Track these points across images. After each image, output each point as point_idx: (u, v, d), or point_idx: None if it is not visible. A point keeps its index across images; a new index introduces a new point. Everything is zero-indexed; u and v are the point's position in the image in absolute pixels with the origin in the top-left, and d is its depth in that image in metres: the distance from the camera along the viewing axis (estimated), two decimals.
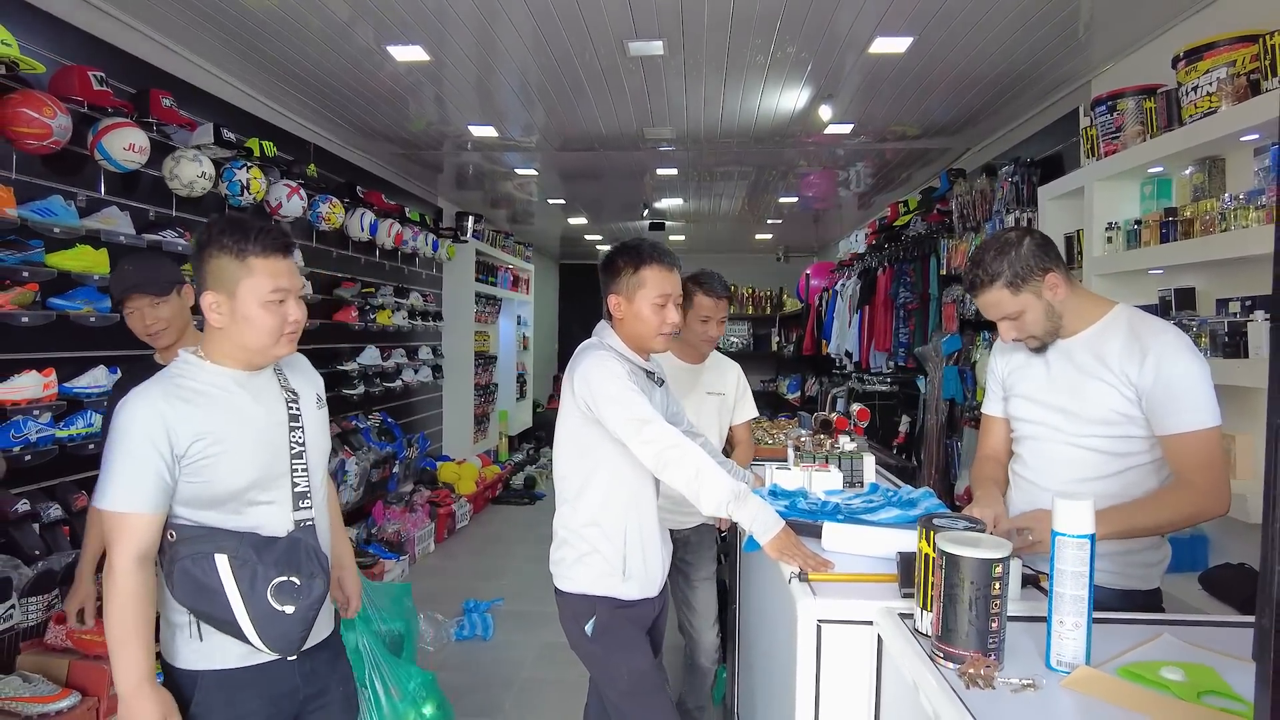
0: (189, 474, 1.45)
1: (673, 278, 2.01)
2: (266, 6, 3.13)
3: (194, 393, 1.48)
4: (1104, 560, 1.75)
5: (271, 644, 1.49)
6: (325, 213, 4.56)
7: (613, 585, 1.95)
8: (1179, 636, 1.34)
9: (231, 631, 1.47)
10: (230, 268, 1.48)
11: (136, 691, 1.40)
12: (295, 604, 1.47)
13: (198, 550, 1.45)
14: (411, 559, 5.25)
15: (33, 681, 2.39)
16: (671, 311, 2.00)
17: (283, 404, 1.58)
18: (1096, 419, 1.77)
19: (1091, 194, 3.21)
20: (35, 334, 2.71)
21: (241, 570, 1.45)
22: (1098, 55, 3.60)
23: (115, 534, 1.42)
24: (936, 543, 1.25)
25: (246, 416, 1.51)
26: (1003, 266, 1.77)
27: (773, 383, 10.89)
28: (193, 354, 1.54)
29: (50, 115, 2.59)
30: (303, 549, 1.52)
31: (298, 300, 1.56)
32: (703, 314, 2.75)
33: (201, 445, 1.44)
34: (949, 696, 1.10)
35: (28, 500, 2.65)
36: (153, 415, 1.42)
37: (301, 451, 1.58)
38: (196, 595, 1.45)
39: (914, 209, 5.70)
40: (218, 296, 1.49)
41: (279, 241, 1.52)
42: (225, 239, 1.49)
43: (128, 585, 1.40)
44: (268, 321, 1.50)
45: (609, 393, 1.86)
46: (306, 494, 1.57)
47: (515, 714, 3.28)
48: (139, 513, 1.41)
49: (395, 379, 5.91)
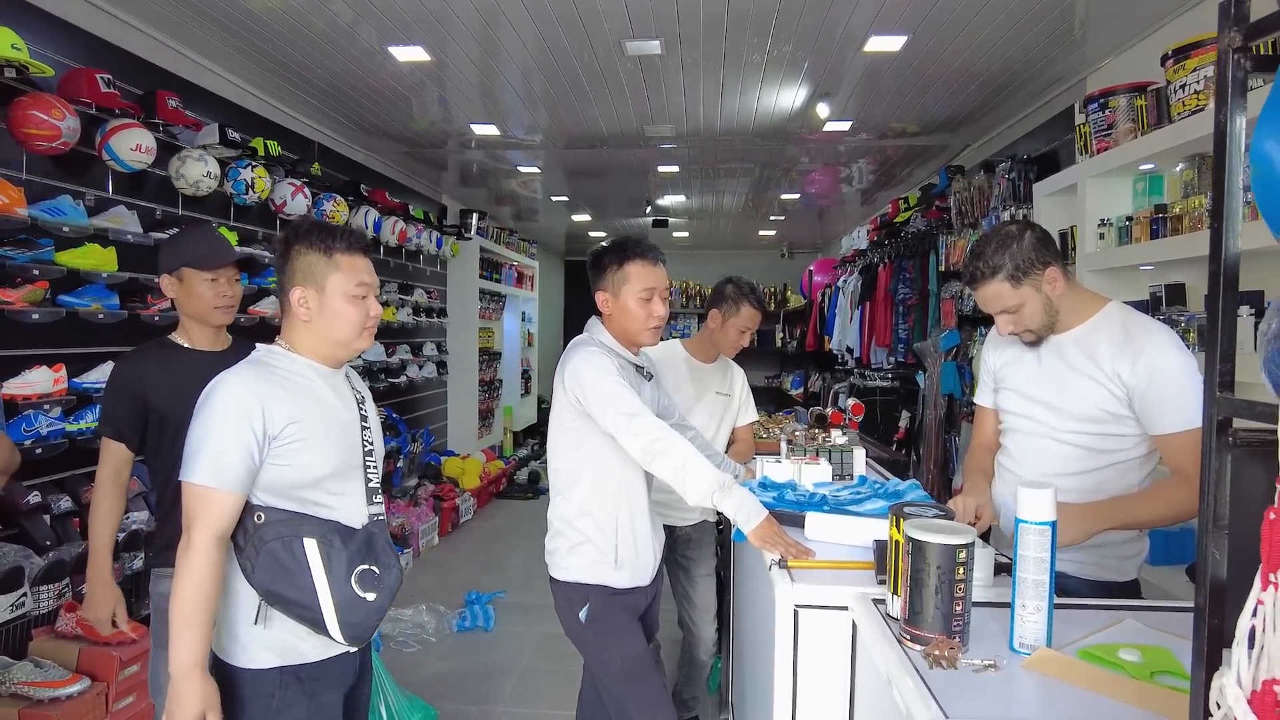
0: (277, 456, 1.47)
1: (657, 272, 2.06)
2: (270, 8, 3.19)
3: (285, 379, 1.53)
4: (1081, 552, 1.80)
5: (349, 632, 1.50)
6: (329, 211, 4.62)
7: (605, 574, 2.01)
8: (1142, 621, 1.39)
9: (309, 619, 1.48)
10: (319, 264, 1.55)
11: (188, 674, 1.40)
12: (377, 592, 1.51)
13: (286, 533, 1.47)
14: (415, 552, 5.32)
15: (44, 667, 2.46)
16: (658, 305, 2.05)
17: (355, 404, 1.64)
18: (1082, 415, 1.80)
19: (1084, 191, 3.24)
20: (45, 330, 2.78)
21: (329, 555, 1.48)
22: (1093, 53, 3.63)
23: (199, 510, 1.42)
24: (904, 529, 1.30)
25: (330, 408, 1.57)
26: (1004, 260, 1.78)
27: (776, 379, 10.93)
28: (279, 346, 1.59)
29: (59, 117, 2.66)
30: (379, 541, 1.57)
31: (376, 297, 1.63)
32: (743, 324, 2.80)
33: (294, 429, 1.48)
34: (911, 676, 1.15)
35: (39, 492, 2.72)
36: (250, 395, 1.46)
37: (372, 450, 1.63)
38: (281, 579, 1.46)
39: (914, 205, 5.73)
40: (306, 291, 1.55)
41: (362, 241, 1.61)
42: (313, 238, 1.56)
43: (204, 564, 1.41)
44: (353, 315, 1.57)
45: (597, 387, 1.91)
46: (378, 490, 1.63)
47: (514, 702, 3.35)
48: (227, 490, 1.43)
49: (400, 375, 5.98)
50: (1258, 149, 0.81)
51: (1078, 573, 1.82)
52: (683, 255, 11.22)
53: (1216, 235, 0.91)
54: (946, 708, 1.06)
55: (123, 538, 2.95)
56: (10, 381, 2.64)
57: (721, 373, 2.89)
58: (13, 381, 2.65)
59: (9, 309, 2.62)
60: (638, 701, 1.96)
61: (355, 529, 1.56)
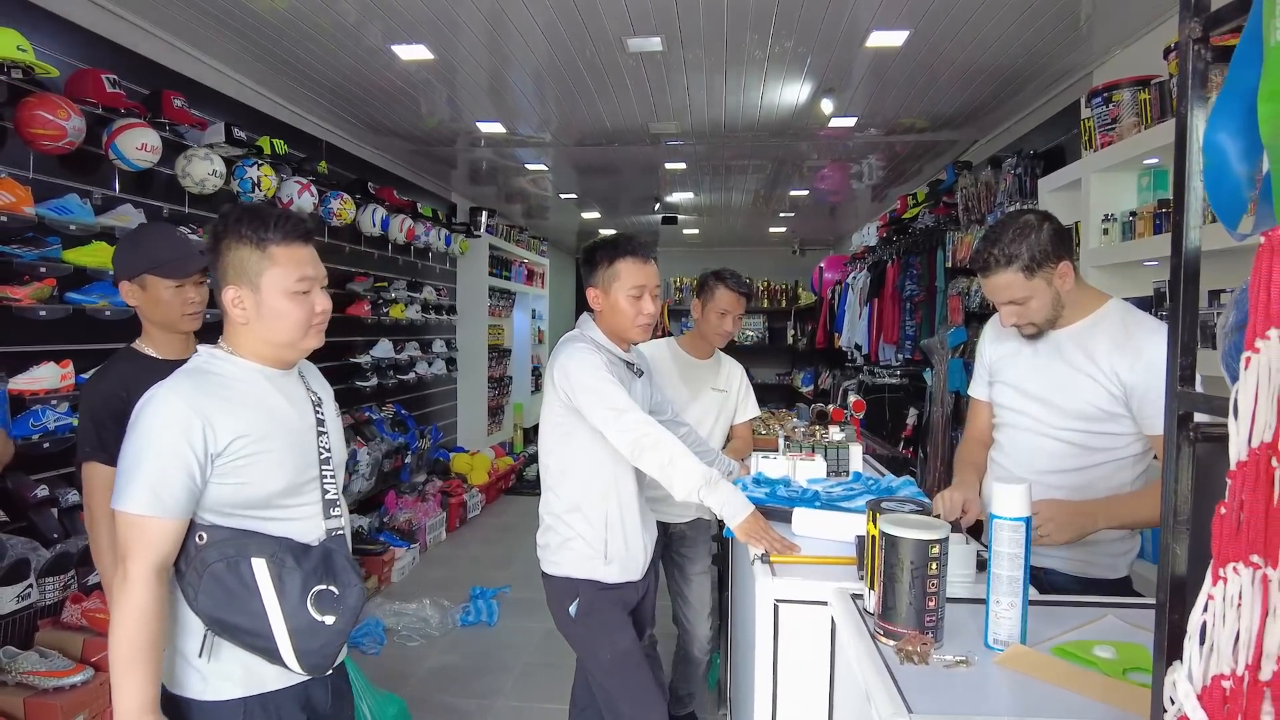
0: (223, 475, 1.34)
1: (647, 269, 2.07)
2: (276, 8, 3.22)
3: (227, 387, 1.38)
4: (1070, 549, 1.79)
5: (307, 660, 1.36)
6: (336, 209, 4.66)
7: (595, 569, 2.03)
8: (1123, 618, 1.38)
9: (261, 647, 1.34)
10: (251, 259, 1.39)
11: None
12: (336, 614, 1.36)
13: (231, 553, 1.33)
14: (422, 547, 5.36)
15: (49, 657, 2.50)
16: (647, 302, 2.05)
17: (310, 408, 1.50)
18: (1076, 412, 1.79)
19: (1088, 186, 3.21)
20: (53, 327, 2.82)
21: (280, 575, 1.34)
22: (1099, 46, 3.59)
23: (134, 540, 1.28)
24: (878, 524, 1.30)
25: (281, 417, 1.42)
26: (1021, 249, 1.73)
27: (788, 376, 10.90)
28: (219, 349, 1.44)
29: (64, 117, 2.70)
30: (338, 558, 1.42)
31: (323, 289, 1.47)
32: (721, 307, 2.80)
33: (241, 444, 1.34)
34: (879, 671, 1.15)
35: (47, 486, 2.76)
36: (188, 410, 1.31)
37: (329, 458, 1.49)
38: (226, 605, 1.32)
39: (922, 201, 5.70)
40: (240, 291, 1.40)
41: (300, 228, 1.43)
42: (244, 229, 1.39)
43: (143, 598, 1.27)
44: (295, 313, 1.41)
45: (586, 383, 1.93)
46: (336, 502, 1.48)
47: (515, 696, 3.37)
48: (164, 518, 1.29)
49: (409, 371, 6.02)
50: (1209, 140, 0.80)
51: (1067, 569, 1.81)
52: (693, 253, 11.21)
53: (1177, 228, 0.91)
54: (911, 703, 1.06)
55: None
56: (18, 377, 2.68)
57: (718, 369, 2.89)
58: (20, 377, 2.69)
59: (17, 306, 2.66)
60: (627, 696, 1.97)
61: (311, 546, 1.41)
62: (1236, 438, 0.74)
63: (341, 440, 1.58)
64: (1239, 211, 0.80)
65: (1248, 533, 0.74)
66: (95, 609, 2.69)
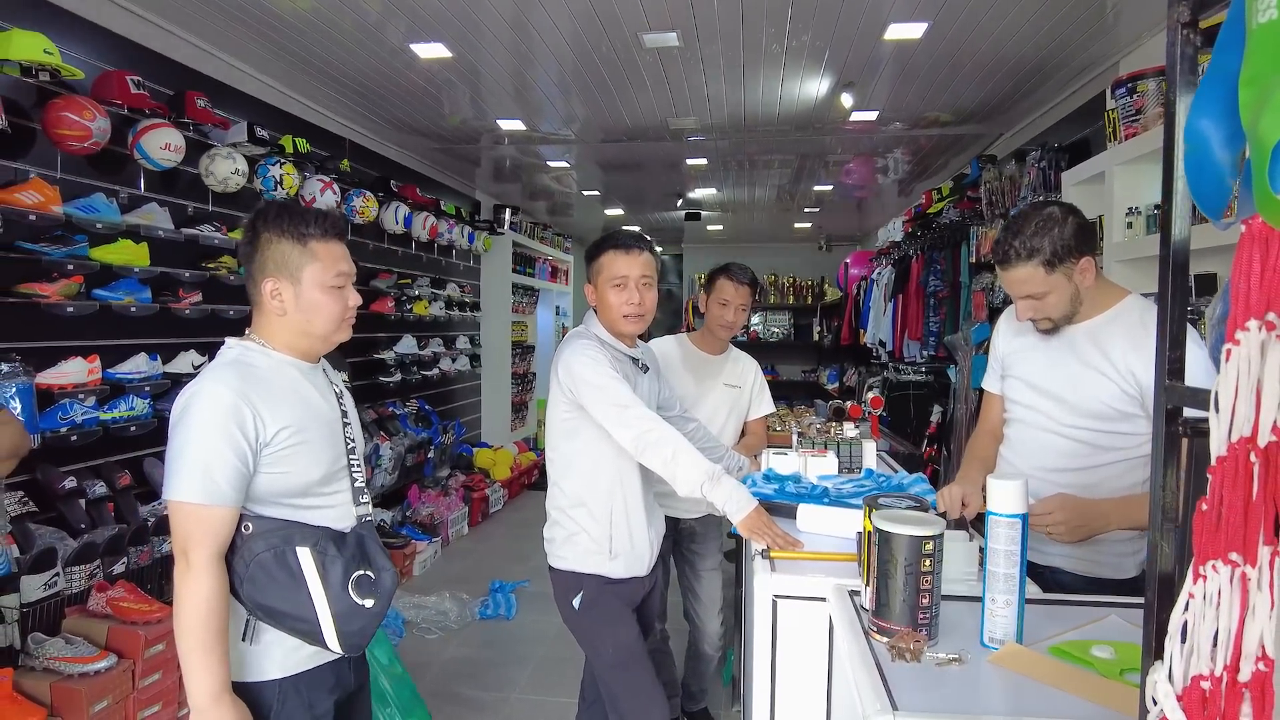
0: (269, 464, 1.39)
1: (630, 259, 2.03)
2: (297, 8, 3.26)
3: (268, 381, 1.42)
4: (1075, 548, 1.76)
5: (347, 640, 1.42)
6: (359, 207, 4.72)
7: (599, 564, 2.04)
8: (1126, 618, 1.35)
9: (304, 631, 1.40)
10: (293, 253, 1.44)
11: (216, 702, 1.31)
12: (374, 598, 1.43)
13: (278, 543, 1.38)
14: (444, 541, 5.41)
15: (74, 644, 2.57)
16: (632, 293, 2.02)
17: (335, 399, 1.55)
18: (1088, 411, 1.75)
19: (1112, 179, 3.14)
20: (80, 323, 2.90)
21: (324, 563, 1.39)
22: (1126, 35, 3.51)
23: (193, 530, 1.32)
24: (872, 519, 1.29)
25: (315, 408, 1.48)
26: (1043, 243, 1.68)
27: (814, 373, 10.81)
28: (252, 341, 1.48)
29: (90, 118, 2.76)
30: (371, 543, 1.49)
31: (353, 286, 1.54)
32: (722, 297, 2.78)
33: (285, 435, 1.39)
34: (868, 668, 1.14)
35: (74, 478, 2.84)
36: (238, 401, 1.35)
37: (354, 447, 1.55)
38: (273, 593, 1.37)
39: (947, 196, 5.62)
40: (279, 283, 1.44)
41: (337, 225, 1.50)
42: (284, 224, 1.44)
43: (208, 585, 1.31)
44: (331, 307, 1.47)
45: (588, 379, 1.93)
46: (363, 489, 1.54)
47: (530, 690, 3.39)
48: (219, 505, 1.33)
49: (433, 367, 6.08)
50: (1191, 127, 0.78)
51: (1074, 569, 1.78)
52: (717, 249, 11.17)
53: (1165, 217, 0.89)
54: (898, 700, 1.05)
55: (152, 523, 3.07)
56: (46, 372, 2.75)
57: (731, 365, 2.88)
58: (48, 372, 2.76)
59: (45, 302, 2.74)
60: (627, 690, 1.98)
61: (346, 533, 1.48)
62: (1217, 432, 0.72)
63: (360, 432, 1.63)
64: (1223, 200, 0.78)
65: (1226, 529, 0.72)
66: (119, 597, 2.76)
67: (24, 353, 2.63)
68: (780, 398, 8.05)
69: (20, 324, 2.70)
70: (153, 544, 3.04)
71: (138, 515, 3.04)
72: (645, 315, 2.07)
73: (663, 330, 7.61)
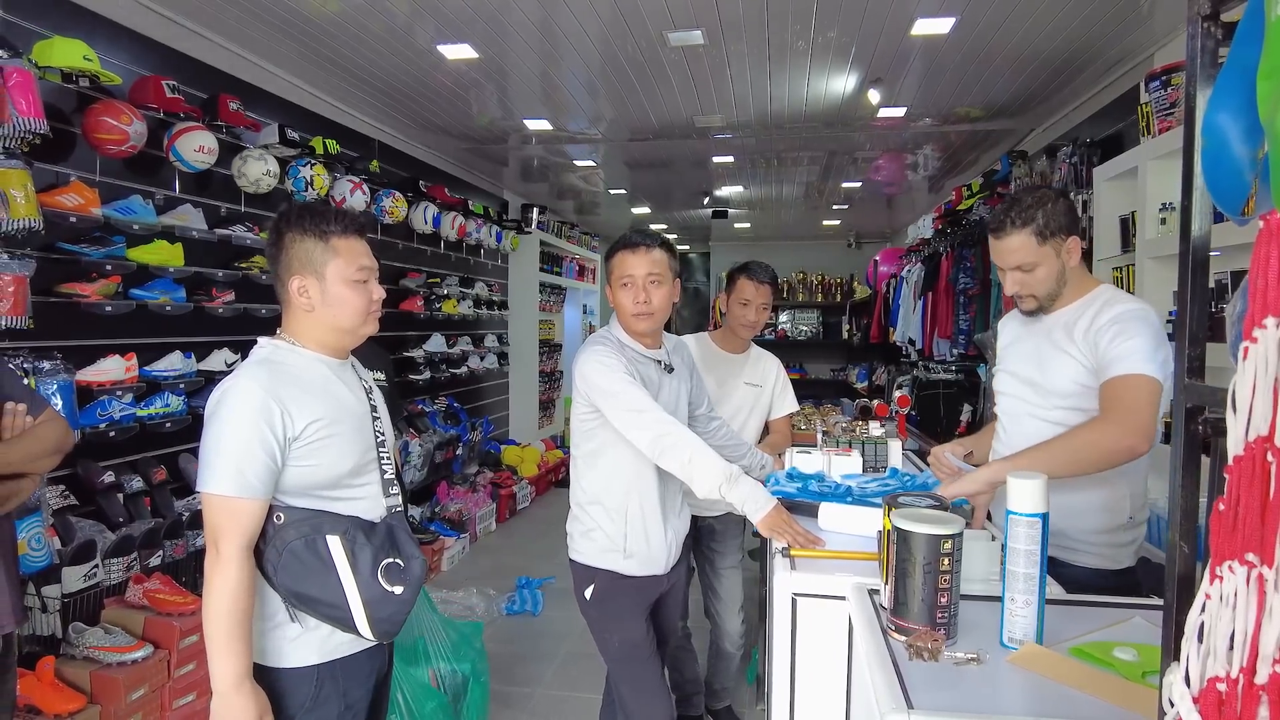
0: (299, 458, 1.43)
1: (636, 258, 2.02)
2: (327, 11, 3.31)
3: (298, 377, 1.48)
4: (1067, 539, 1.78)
5: (379, 628, 1.47)
6: (388, 207, 4.78)
7: (614, 560, 2.06)
8: (1150, 620, 1.33)
9: (337, 617, 1.44)
10: (316, 250, 1.49)
11: (238, 688, 1.36)
12: (404, 585, 1.47)
13: (308, 532, 1.43)
14: (472, 537, 5.47)
15: (113, 633, 2.65)
16: (637, 291, 2.00)
17: (364, 394, 1.60)
18: (1058, 390, 1.81)
19: (1145, 174, 3.08)
20: (118, 322, 2.98)
21: (353, 551, 1.44)
22: (1162, 26, 3.44)
23: (223, 521, 1.37)
24: (891, 518, 1.28)
25: (345, 402, 1.52)
26: (1037, 214, 1.77)
27: (843, 372, 10.73)
28: (282, 340, 1.53)
29: (128, 122, 2.84)
30: (400, 533, 1.53)
31: (377, 280, 1.59)
32: (742, 297, 2.78)
33: (315, 429, 1.44)
34: (885, 666, 1.14)
35: (113, 473, 2.92)
36: (267, 398, 1.40)
37: (384, 440, 1.59)
38: (305, 579, 1.42)
39: (977, 192, 5.54)
40: (305, 280, 1.50)
41: (356, 222, 1.55)
42: (306, 223, 1.50)
43: (236, 576, 1.36)
44: (356, 300, 1.52)
45: (602, 385, 1.95)
46: (393, 481, 1.58)
47: (555, 685, 3.42)
48: (249, 498, 1.38)
49: (461, 365, 6.14)
50: (1209, 121, 0.77)
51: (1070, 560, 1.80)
52: (745, 247, 11.12)
53: (1185, 214, 0.87)
54: (914, 699, 1.05)
55: (187, 517, 3.15)
56: (85, 370, 2.83)
57: (752, 363, 2.87)
58: (88, 369, 2.84)
59: (85, 302, 2.82)
60: (631, 685, 2.02)
61: (375, 523, 1.52)
62: (1234, 431, 0.71)
63: (390, 426, 1.68)
64: (1241, 195, 0.76)
65: (1243, 530, 0.71)
66: (155, 590, 2.83)
67: (65, 351, 2.71)
68: (808, 397, 8.00)
69: (61, 323, 2.78)
70: (187, 538, 3.12)
71: (173, 510, 3.12)
72: (655, 313, 2.03)
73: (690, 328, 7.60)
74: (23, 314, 2.48)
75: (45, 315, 2.65)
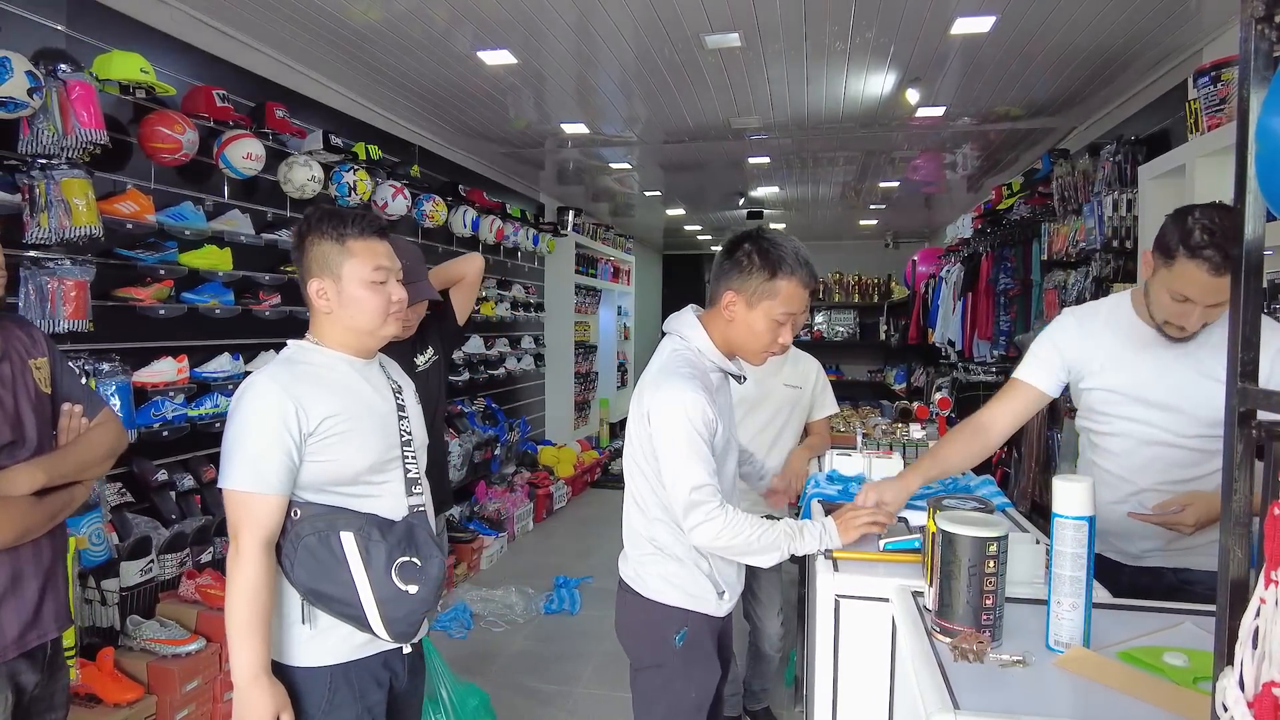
0: (315, 453, 1.44)
1: (804, 296, 1.75)
2: (369, 20, 3.39)
3: (318, 375, 1.50)
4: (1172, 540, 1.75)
5: (393, 627, 1.46)
6: (429, 211, 4.86)
7: (708, 603, 1.76)
8: (1201, 625, 1.32)
9: (351, 615, 1.45)
10: (332, 252, 1.51)
11: (255, 682, 1.37)
12: (419, 584, 1.46)
13: (323, 528, 1.44)
14: (510, 537, 5.53)
15: (168, 626, 2.74)
16: (787, 333, 1.77)
17: (391, 394, 1.60)
18: (1209, 420, 1.69)
19: (1193, 172, 3.02)
20: (170, 325, 3.07)
21: (367, 548, 1.44)
22: (1210, 20, 3.36)
23: (242, 517, 1.40)
24: (936, 520, 1.29)
25: (366, 400, 1.53)
26: None
27: (880, 373, 10.64)
28: (308, 341, 1.56)
29: (181, 131, 2.93)
30: (420, 532, 1.52)
31: (398, 281, 1.58)
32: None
33: (330, 423, 1.45)
34: (930, 667, 1.14)
35: (165, 471, 3.02)
36: (283, 395, 1.42)
37: (410, 440, 1.59)
38: (319, 575, 1.43)
39: (1017, 192, 5.47)
40: (323, 282, 1.52)
41: (374, 224, 1.56)
42: (324, 226, 1.52)
43: (254, 570, 1.38)
44: (373, 301, 1.52)
45: (674, 450, 1.65)
46: (418, 480, 1.58)
47: (593, 684, 3.45)
48: (267, 494, 1.40)
49: (499, 366, 6.21)
50: (1264, 125, 0.76)
51: (1187, 564, 1.77)
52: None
53: (1239, 217, 0.87)
54: (960, 700, 1.05)
55: None
56: (141, 371, 2.93)
57: (791, 365, 2.85)
58: (142, 371, 2.94)
59: (139, 305, 2.91)
60: None
61: (395, 521, 1.52)
62: None
63: (422, 425, 1.68)
64: None
65: None
66: (207, 585, 2.92)
67: (121, 353, 2.81)
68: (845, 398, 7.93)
69: (118, 326, 2.88)
70: None
71: (222, 508, 3.20)
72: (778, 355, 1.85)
73: None
74: (84, 317, 2.57)
75: (104, 318, 2.74)
